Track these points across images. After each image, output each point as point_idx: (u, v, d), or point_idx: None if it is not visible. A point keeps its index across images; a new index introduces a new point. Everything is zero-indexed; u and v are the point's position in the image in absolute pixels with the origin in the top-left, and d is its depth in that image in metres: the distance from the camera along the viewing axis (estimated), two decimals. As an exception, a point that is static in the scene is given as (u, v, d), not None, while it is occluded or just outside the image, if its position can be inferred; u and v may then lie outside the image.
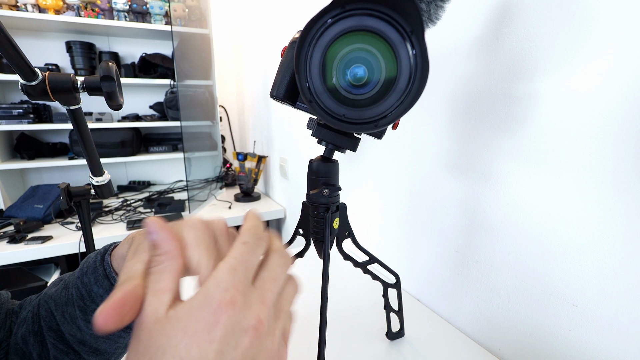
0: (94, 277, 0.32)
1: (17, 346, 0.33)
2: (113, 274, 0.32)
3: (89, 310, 0.32)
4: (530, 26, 0.43)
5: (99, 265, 0.32)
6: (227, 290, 0.17)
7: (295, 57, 0.29)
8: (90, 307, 0.32)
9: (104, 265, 0.32)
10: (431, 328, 0.60)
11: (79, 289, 0.32)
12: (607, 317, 0.39)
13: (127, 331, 0.34)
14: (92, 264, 0.33)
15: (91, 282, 0.32)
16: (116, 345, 0.34)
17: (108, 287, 0.31)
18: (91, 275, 0.32)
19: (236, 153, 1.60)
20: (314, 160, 0.42)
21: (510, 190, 0.48)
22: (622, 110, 0.35)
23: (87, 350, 0.33)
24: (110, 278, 0.32)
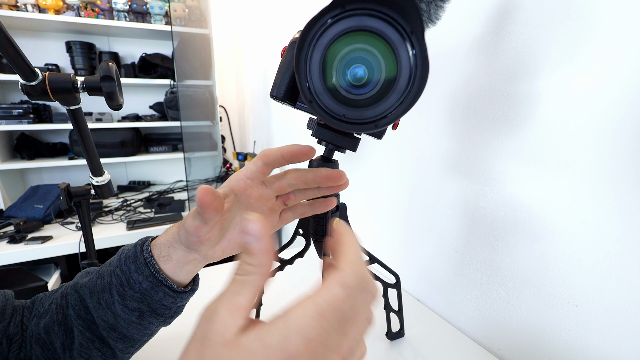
0: (134, 266, 0.33)
1: (38, 336, 0.34)
2: (153, 262, 0.33)
3: (127, 296, 0.32)
4: (530, 26, 0.43)
5: (139, 254, 0.33)
6: (309, 341, 0.15)
7: (295, 57, 0.29)
8: (129, 292, 0.32)
9: (144, 255, 0.33)
10: (431, 328, 0.60)
11: (118, 276, 0.33)
12: (607, 317, 0.39)
13: (157, 318, 0.34)
14: (132, 254, 0.33)
15: (131, 270, 0.33)
16: (144, 332, 0.35)
17: (148, 274, 0.32)
18: (131, 264, 0.33)
19: (236, 153, 1.60)
20: (314, 161, 0.42)
21: (510, 190, 0.48)
22: (622, 111, 0.36)
23: (116, 337, 0.34)
24: (150, 266, 0.32)
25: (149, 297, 0.33)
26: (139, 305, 0.33)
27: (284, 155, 0.30)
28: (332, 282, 0.17)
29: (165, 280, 0.32)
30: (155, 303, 0.33)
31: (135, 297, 0.33)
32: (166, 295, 0.33)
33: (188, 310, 0.37)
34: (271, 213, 0.34)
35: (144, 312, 0.33)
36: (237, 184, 0.32)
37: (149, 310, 0.33)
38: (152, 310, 0.33)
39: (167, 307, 0.34)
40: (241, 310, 0.17)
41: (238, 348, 0.15)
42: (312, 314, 0.16)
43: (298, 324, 0.16)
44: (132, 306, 0.33)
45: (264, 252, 0.17)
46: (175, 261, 0.33)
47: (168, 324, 0.37)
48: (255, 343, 0.15)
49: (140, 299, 0.33)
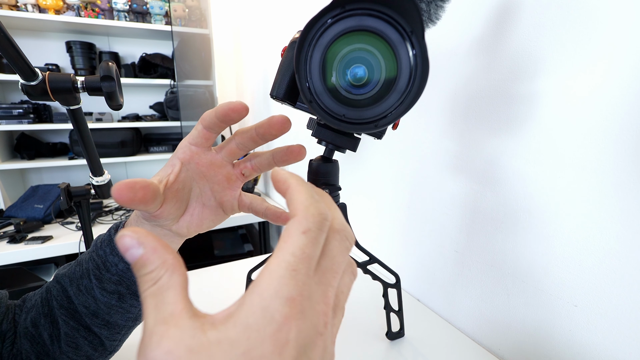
0: (109, 249, 0.33)
1: (26, 330, 0.34)
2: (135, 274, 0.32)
3: (104, 279, 0.32)
4: (530, 26, 0.43)
5: (113, 237, 0.33)
6: (293, 300, 0.14)
7: (295, 57, 0.29)
8: (106, 275, 0.32)
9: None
10: (431, 328, 0.60)
11: (94, 261, 0.33)
12: (607, 317, 0.39)
13: (138, 300, 0.34)
14: (107, 237, 0.34)
15: (106, 253, 0.33)
16: (127, 316, 0.35)
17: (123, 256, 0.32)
18: (106, 247, 0.33)
19: (236, 153, 1.60)
20: (314, 160, 0.42)
21: (511, 190, 0.48)
22: (622, 111, 0.36)
23: (99, 323, 0.34)
24: None
25: (126, 278, 0.33)
26: (117, 287, 0.33)
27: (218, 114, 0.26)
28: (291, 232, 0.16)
29: None
30: (133, 284, 0.33)
31: (112, 280, 0.32)
32: None
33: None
34: (229, 182, 0.31)
35: (124, 294, 0.33)
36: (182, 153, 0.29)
37: (128, 292, 0.33)
38: (131, 292, 0.33)
39: None
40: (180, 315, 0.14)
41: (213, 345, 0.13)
42: (284, 272, 0.14)
43: (273, 288, 0.14)
44: (110, 289, 0.33)
45: (152, 254, 0.15)
46: None
47: None
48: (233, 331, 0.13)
49: (118, 281, 0.33)
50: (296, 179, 0.18)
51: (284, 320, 0.13)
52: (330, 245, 0.17)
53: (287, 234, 0.16)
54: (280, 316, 0.13)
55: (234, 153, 0.31)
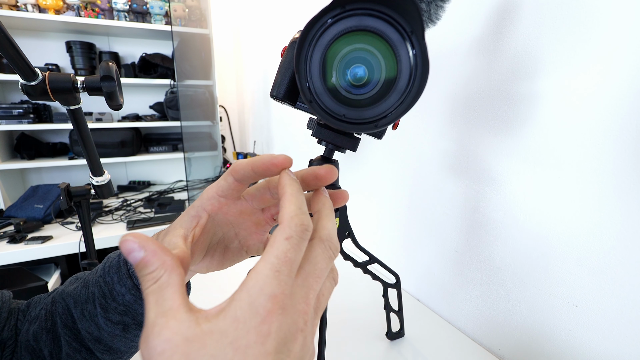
0: (117, 277, 0.31)
1: (27, 343, 0.33)
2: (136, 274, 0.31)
3: (110, 308, 0.31)
4: (530, 26, 0.43)
5: (122, 265, 0.31)
6: (275, 297, 0.16)
7: (295, 57, 0.29)
8: (112, 305, 0.31)
9: (127, 265, 0.31)
10: (431, 328, 0.60)
11: (101, 287, 0.32)
12: (607, 317, 0.39)
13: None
14: (116, 264, 0.32)
15: (114, 281, 0.31)
16: (131, 344, 0.34)
17: (131, 287, 0.31)
18: (114, 274, 0.31)
19: (236, 153, 1.60)
20: (314, 160, 0.42)
21: (510, 190, 0.48)
22: (622, 111, 0.35)
23: (102, 349, 0.33)
24: (133, 278, 0.31)
25: (132, 309, 0.31)
26: (122, 318, 0.31)
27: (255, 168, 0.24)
28: (276, 238, 0.18)
29: None
30: (139, 316, 0.32)
31: (118, 310, 0.31)
32: None
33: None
34: (257, 227, 0.30)
35: (129, 325, 0.32)
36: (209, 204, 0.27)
37: (133, 323, 0.32)
38: (137, 323, 0.32)
39: None
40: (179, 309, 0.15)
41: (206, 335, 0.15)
42: (268, 272, 0.16)
43: (258, 286, 0.16)
44: (115, 319, 0.31)
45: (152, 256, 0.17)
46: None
47: None
48: (224, 322, 0.15)
49: (124, 312, 0.31)
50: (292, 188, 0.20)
51: (267, 314, 0.15)
52: (314, 253, 0.19)
53: (272, 240, 0.18)
54: (264, 310, 0.15)
55: (267, 202, 0.29)
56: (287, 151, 1.37)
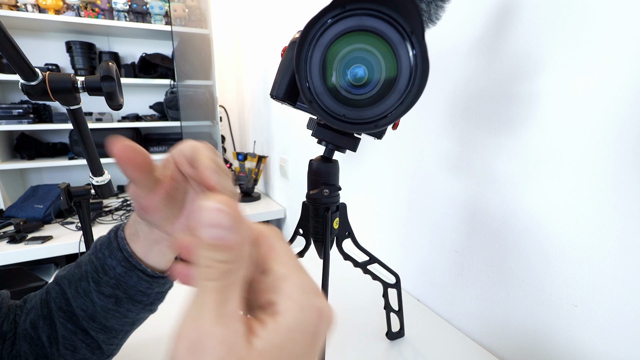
0: (108, 251, 0.33)
1: (25, 332, 0.34)
2: (126, 246, 0.32)
3: (102, 282, 0.32)
4: (530, 26, 0.43)
5: (112, 240, 0.33)
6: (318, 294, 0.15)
7: (295, 57, 0.29)
8: (103, 279, 0.32)
9: (118, 240, 0.33)
10: (431, 328, 0.60)
11: (93, 263, 0.33)
12: (607, 317, 0.39)
13: (135, 304, 0.34)
14: (106, 240, 0.33)
15: (105, 256, 0.33)
16: (124, 321, 0.35)
17: (121, 259, 0.32)
18: (105, 249, 0.33)
19: (236, 153, 1.60)
20: (314, 160, 0.42)
21: (511, 190, 0.48)
22: (622, 111, 0.36)
23: (96, 327, 0.34)
24: (124, 250, 0.32)
25: (123, 282, 0.32)
26: (114, 291, 0.32)
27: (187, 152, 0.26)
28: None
29: (139, 264, 0.32)
30: (131, 289, 0.33)
31: (110, 283, 0.32)
32: (140, 280, 0.33)
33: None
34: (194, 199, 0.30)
35: (120, 299, 0.33)
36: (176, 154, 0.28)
37: (125, 297, 0.33)
38: (128, 297, 0.33)
39: (144, 292, 0.33)
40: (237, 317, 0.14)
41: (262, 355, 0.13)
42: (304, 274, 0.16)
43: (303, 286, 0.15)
44: (107, 292, 0.32)
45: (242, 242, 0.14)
46: (142, 239, 0.32)
47: (152, 311, 0.36)
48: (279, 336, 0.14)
49: (115, 285, 0.32)
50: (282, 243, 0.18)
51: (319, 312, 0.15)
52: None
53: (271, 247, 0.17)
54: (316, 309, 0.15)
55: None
56: (287, 151, 1.37)
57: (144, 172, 0.25)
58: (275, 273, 0.16)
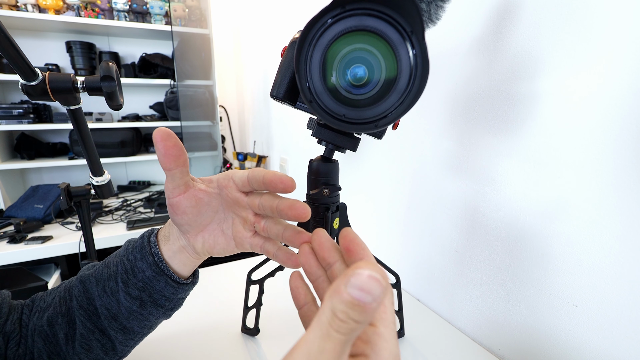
0: (140, 255, 0.34)
1: (41, 329, 0.34)
2: (158, 252, 0.34)
3: (130, 284, 0.34)
4: (530, 26, 0.43)
5: (145, 244, 0.34)
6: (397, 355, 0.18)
7: (295, 57, 0.29)
8: (132, 281, 0.34)
9: (150, 244, 0.34)
10: (431, 328, 0.60)
11: (124, 264, 0.34)
12: (607, 317, 0.39)
13: (157, 308, 0.35)
14: (139, 244, 0.35)
15: (136, 259, 0.34)
16: (144, 323, 0.36)
17: (152, 263, 0.33)
18: (137, 253, 0.34)
19: (236, 153, 1.60)
20: (314, 160, 0.42)
21: (511, 190, 0.48)
22: (622, 111, 0.36)
23: (117, 327, 0.35)
24: (155, 255, 0.34)
25: (150, 286, 0.34)
26: (140, 294, 0.34)
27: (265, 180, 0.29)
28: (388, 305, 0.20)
29: (167, 269, 0.34)
30: (156, 293, 0.34)
31: (137, 286, 0.34)
32: (167, 285, 0.34)
33: (188, 309, 0.37)
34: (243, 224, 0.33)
35: (145, 302, 0.34)
36: (222, 178, 0.32)
37: (149, 300, 0.34)
38: (152, 300, 0.34)
39: (167, 297, 0.35)
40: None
41: None
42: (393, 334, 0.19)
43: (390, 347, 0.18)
44: (134, 294, 0.34)
45: (373, 311, 0.15)
46: (172, 242, 0.34)
47: (168, 316, 0.38)
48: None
49: (142, 288, 0.34)
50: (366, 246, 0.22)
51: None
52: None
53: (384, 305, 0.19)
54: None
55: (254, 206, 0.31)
56: (287, 151, 1.37)
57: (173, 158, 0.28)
58: (377, 330, 0.18)
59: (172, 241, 0.34)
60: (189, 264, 0.35)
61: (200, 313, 0.61)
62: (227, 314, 0.60)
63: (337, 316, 0.15)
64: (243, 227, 0.33)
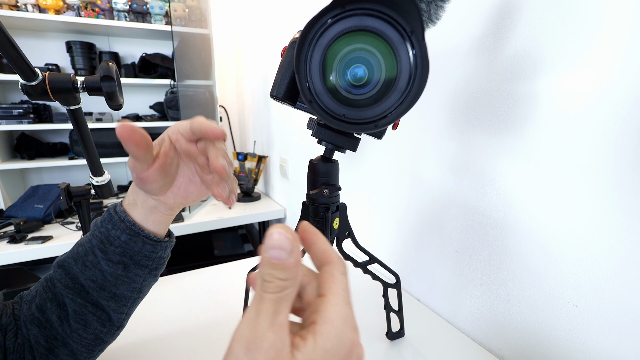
0: (111, 225, 0.35)
1: (32, 316, 0.36)
2: (127, 217, 0.35)
3: (109, 251, 0.35)
4: (530, 26, 0.43)
5: (113, 214, 0.36)
6: (356, 329, 0.18)
7: (295, 57, 0.29)
8: (110, 248, 0.35)
9: (118, 213, 0.36)
10: (431, 328, 0.60)
11: (97, 237, 0.36)
12: (607, 317, 0.39)
13: (142, 269, 0.37)
14: (107, 216, 0.36)
15: (108, 229, 0.35)
16: (133, 286, 0.37)
17: (124, 228, 0.35)
18: (107, 224, 0.36)
19: (236, 153, 1.60)
20: (314, 160, 0.42)
21: (511, 190, 0.48)
22: (622, 111, 0.35)
23: (107, 296, 0.36)
24: (125, 221, 0.35)
25: (129, 248, 0.35)
26: (121, 258, 0.35)
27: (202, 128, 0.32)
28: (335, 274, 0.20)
29: (141, 230, 0.36)
30: (136, 254, 0.36)
31: (116, 252, 0.35)
32: (145, 244, 0.36)
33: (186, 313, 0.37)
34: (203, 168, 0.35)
35: (128, 265, 0.36)
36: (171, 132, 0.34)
37: (132, 262, 0.36)
38: (135, 262, 0.36)
39: (148, 257, 0.37)
40: (286, 328, 0.16)
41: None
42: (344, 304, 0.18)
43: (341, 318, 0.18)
44: (115, 259, 0.35)
45: (295, 265, 0.17)
46: (140, 206, 0.36)
47: (155, 277, 0.39)
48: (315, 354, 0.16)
49: (121, 252, 0.35)
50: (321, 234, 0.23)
51: (352, 345, 0.17)
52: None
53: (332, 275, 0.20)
54: (350, 342, 0.17)
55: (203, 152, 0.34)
56: (287, 151, 1.37)
57: (142, 149, 0.29)
58: (327, 298, 0.18)
59: (140, 205, 0.36)
60: (163, 222, 0.37)
61: (200, 313, 0.61)
62: (227, 314, 0.60)
63: (265, 279, 0.16)
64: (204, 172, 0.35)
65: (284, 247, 0.16)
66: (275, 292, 0.16)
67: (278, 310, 0.16)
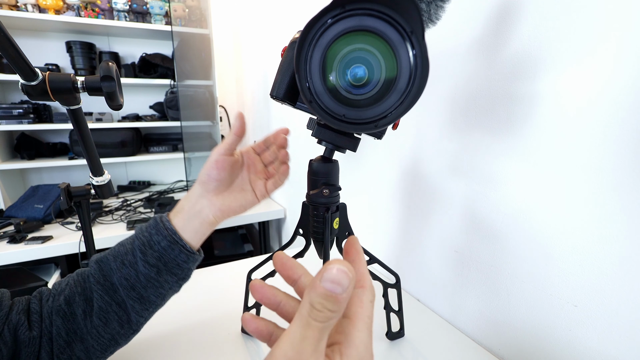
0: (155, 230, 0.39)
1: (59, 308, 0.38)
2: (171, 226, 0.39)
3: (148, 254, 0.38)
4: (530, 26, 0.43)
5: (158, 221, 0.39)
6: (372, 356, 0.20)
7: (295, 57, 0.29)
8: (149, 252, 0.38)
9: (163, 222, 0.39)
10: (431, 328, 0.60)
11: (140, 239, 0.39)
12: (607, 317, 0.39)
13: (171, 276, 0.40)
14: (152, 223, 0.40)
15: (151, 234, 0.39)
16: (159, 292, 0.40)
17: (166, 235, 0.39)
18: (152, 229, 0.39)
19: (236, 153, 1.60)
20: (314, 160, 0.42)
21: (511, 190, 0.48)
22: (623, 111, 0.36)
23: (134, 296, 0.38)
24: (168, 229, 0.39)
25: (165, 254, 0.38)
26: (157, 262, 0.38)
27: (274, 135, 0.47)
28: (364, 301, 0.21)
29: (180, 240, 0.39)
30: (170, 261, 0.39)
31: (154, 255, 0.38)
32: (180, 253, 0.39)
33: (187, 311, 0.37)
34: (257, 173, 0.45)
35: (161, 269, 0.39)
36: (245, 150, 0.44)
37: (165, 268, 0.39)
38: (167, 269, 0.39)
39: (180, 266, 0.40)
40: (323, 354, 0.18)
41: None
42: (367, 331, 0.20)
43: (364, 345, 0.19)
44: (152, 262, 0.38)
45: (346, 300, 0.18)
46: (186, 212, 0.40)
47: (179, 287, 0.42)
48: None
49: (158, 257, 0.38)
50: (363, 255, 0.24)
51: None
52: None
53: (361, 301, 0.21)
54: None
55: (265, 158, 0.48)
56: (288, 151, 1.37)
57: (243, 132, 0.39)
58: (354, 322, 0.20)
59: (187, 210, 0.40)
60: (199, 232, 0.40)
61: (200, 313, 0.61)
62: (227, 314, 0.60)
63: (315, 307, 0.17)
64: (257, 177, 0.45)
65: (343, 284, 0.17)
66: (322, 322, 0.17)
67: (321, 337, 0.18)
